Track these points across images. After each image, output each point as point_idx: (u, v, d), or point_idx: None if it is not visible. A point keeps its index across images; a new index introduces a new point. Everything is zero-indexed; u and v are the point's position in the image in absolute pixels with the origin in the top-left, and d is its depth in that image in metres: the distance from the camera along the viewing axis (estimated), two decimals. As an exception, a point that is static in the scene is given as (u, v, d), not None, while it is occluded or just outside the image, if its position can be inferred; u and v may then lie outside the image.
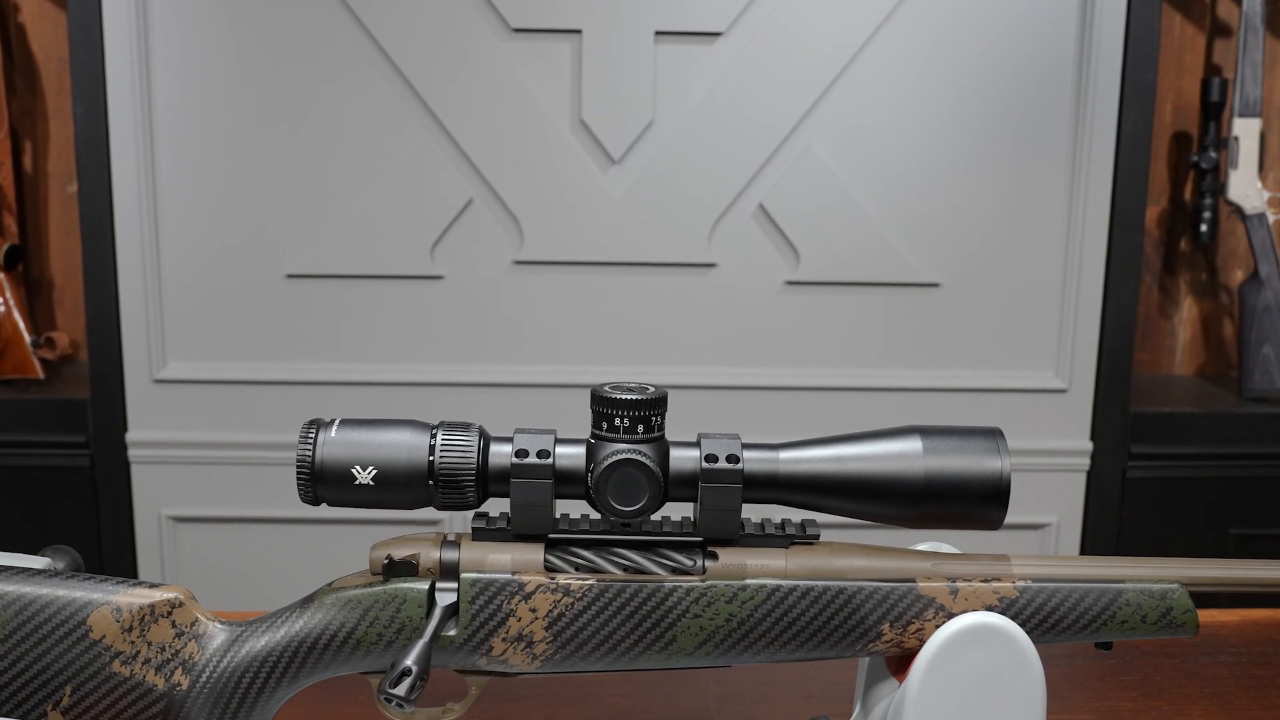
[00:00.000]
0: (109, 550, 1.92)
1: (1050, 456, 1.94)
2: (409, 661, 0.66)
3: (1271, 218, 2.04)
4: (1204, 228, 2.08)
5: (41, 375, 2.01)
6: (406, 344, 1.90)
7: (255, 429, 1.90)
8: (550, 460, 0.68)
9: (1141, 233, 1.91)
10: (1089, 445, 1.95)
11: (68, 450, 1.90)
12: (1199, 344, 2.24)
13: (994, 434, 0.71)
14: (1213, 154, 2.05)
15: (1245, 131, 2.02)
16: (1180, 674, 0.98)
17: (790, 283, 1.90)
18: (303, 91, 1.83)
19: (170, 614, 0.70)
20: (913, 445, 0.70)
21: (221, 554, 1.93)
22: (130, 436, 1.89)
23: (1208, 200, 2.08)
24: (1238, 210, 2.05)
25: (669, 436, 0.70)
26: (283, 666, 0.69)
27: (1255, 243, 2.03)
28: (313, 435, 0.69)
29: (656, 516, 0.71)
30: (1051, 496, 1.96)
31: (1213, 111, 2.06)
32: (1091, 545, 1.97)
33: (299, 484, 0.69)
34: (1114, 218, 1.90)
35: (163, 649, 0.69)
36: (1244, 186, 2.03)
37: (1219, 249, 2.21)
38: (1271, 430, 1.97)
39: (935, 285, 1.91)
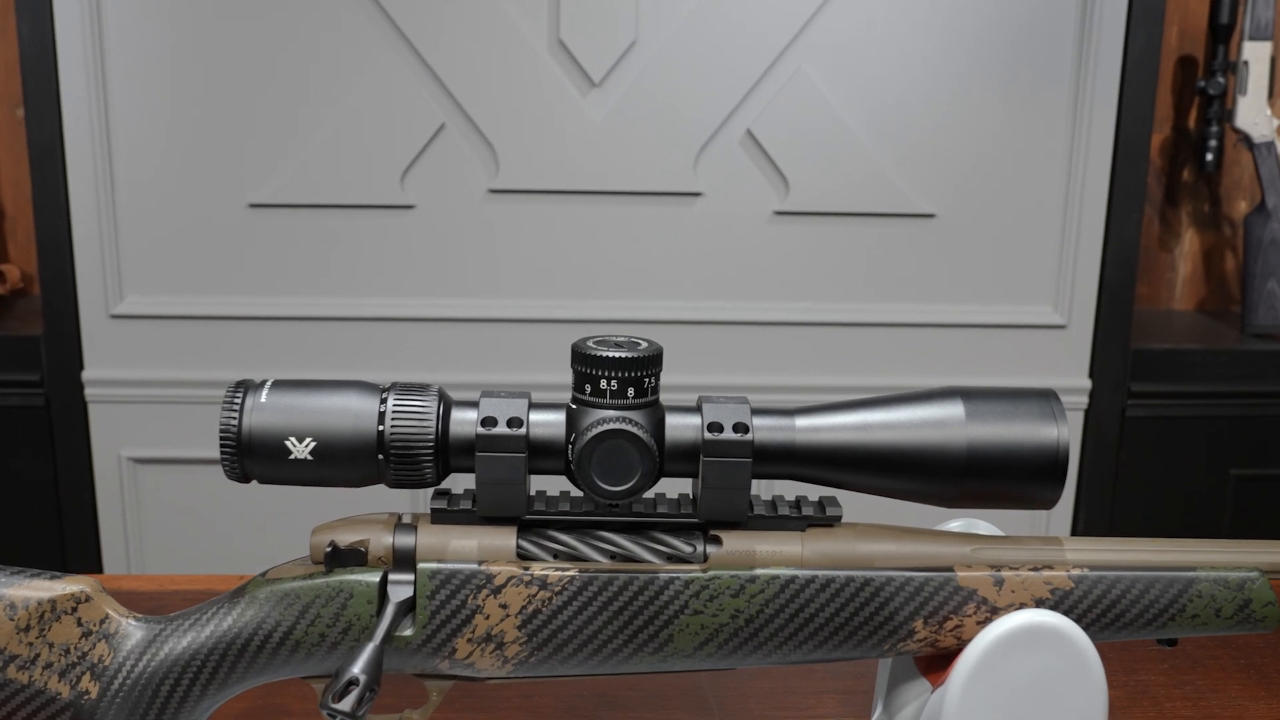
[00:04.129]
0: (66, 493, 1.84)
1: (1047, 395, 1.87)
2: (356, 669, 0.56)
3: (1280, 146, 1.96)
4: (1209, 157, 1.99)
5: (-8, 310, 1.91)
6: (375, 277, 1.81)
7: (218, 366, 1.81)
8: (523, 430, 0.58)
9: (1146, 162, 1.83)
10: (1087, 383, 1.88)
11: (21, 389, 1.81)
12: (1199, 278, 2.17)
13: (1048, 396, 0.61)
14: (1220, 79, 1.96)
15: (1255, 55, 1.93)
16: (1213, 644, 0.91)
17: (779, 213, 1.82)
18: (265, 10, 1.72)
19: (75, 610, 0.60)
20: (953, 410, 0.59)
21: (185, 496, 1.85)
22: (87, 375, 1.81)
23: (1214, 128, 1.99)
24: (1245, 138, 1.96)
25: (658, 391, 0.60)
26: (209, 671, 0.60)
27: (1263, 172, 1.95)
28: (239, 400, 0.59)
29: (649, 495, 0.61)
30: (1048, 436, 1.89)
31: (1221, 34, 1.96)
32: (1088, 486, 1.91)
33: (223, 458, 0.59)
34: (1118, 146, 1.82)
35: (67, 651, 0.59)
36: (1252, 113, 1.95)
37: (1222, 179, 2.13)
38: (1275, 368, 1.91)
39: (930, 216, 1.83)
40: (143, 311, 1.80)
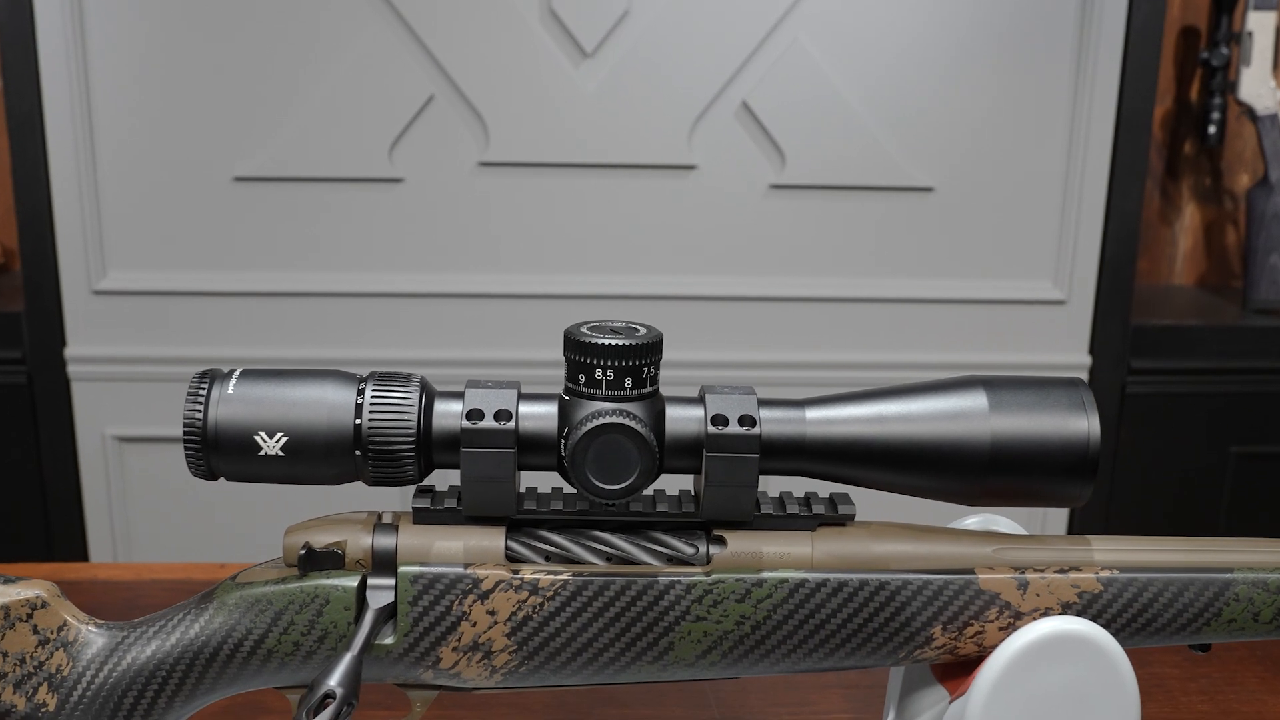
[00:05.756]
0: (50, 473, 1.81)
1: (1046, 371, 1.85)
2: (332, 682, 0.52)
3: (1284, 118, 1.92)
4: (1212, 129, 1.96)
5: (-28, 285, 1.88)
6: (364, 252, 1.77)
7: (203, 342, 1.78)
8: (512, 423, 0.54)
9: (1149, 135, 1.79)
10: (1087, 359, 1.85)
11: (2, 367, 1.78)
12: (1200, 252, 2.14)
13: (1076, 386, 0.56)
14: (1224, 50, 1.92)
15: (1260, 26, 1.89)
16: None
17: (775, 186, 1.79)
18: (247, -24, 1.68)
19: (30, 617, 0.56)
20: (975, 401, 0.55)
21: (171, 475, 1.82)
22: (69, 352, 1.77)
23: (1216, 100, 1.96)
24: (1248, 111, 1.93)
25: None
26: (175, 681, 0.56)
27: (1266, 145, 1.92)
28: (204, 391, 0.54)
29: (648, 491, 0.57)
30: (1046, 413, 1.87)
31: (1225, 4, 1.93)
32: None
33: (187, 455, 0.55)
34: (1120, 119, 1.78)
35: (22, 661, 0.55)
36: (1256, 85, 1.91)
37: (1224, 152, 2.10)
38: (1277, 344, 1.88)
39: (928, 190, 1.80)
40: (126, 287, 1.76)
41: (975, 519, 0.63)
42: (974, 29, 1.74)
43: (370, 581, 0.56)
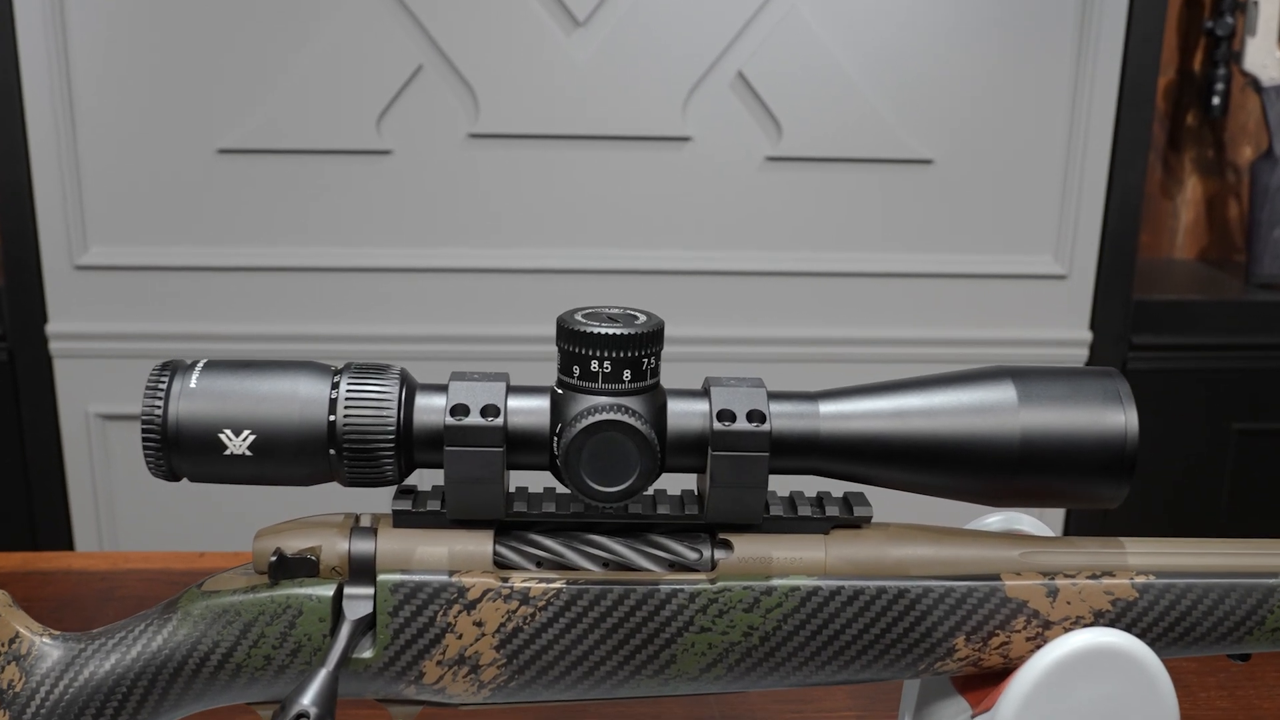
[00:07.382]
0: (32, 452, 1.77)
1: (1046, 347, 1.82)
2: (305, 701, 0.47)
3: (1290, 90, 1.89)
4: (1216, 100, 1.92)
5: (-49, 260, 1.84)
6: (351, 225, 1.74)
7: (187, 318, 1.74)
8: (500, 420, 0.49)
9: (1152, 107, 1.76)
10: (1088, 335, 1.82)
11: (-18, 343, 1.75)
12: (1202, 225, 2.11)
13: (1112, 377, 0.52)
14: (1229, 19, 1.89)
15: (1266, -6, 1.86)
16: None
17: (771, 158, 1.75)
18: (230, -58, 1.63)
19: None
20: (1003, 394, 0.51)
21: (156, 454, 1.79)
22: (51, 328, 1.74)
23: (1220, 70, 1.92)
24: (1253, 82, 1.89)
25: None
26: (137, 697, 0.52)
27: (1271, 117, 1.88)
28: (164, 384, 0.50)
29: (649, 491, 0.53)
30: (1046, 390, 1.84)
31: (1230, -28, 1.89)
32: (1087, 441, 1.85)
33: (146, 453, 0.51)
34: (1123, 90, 1.75)
35: None
36: (1262, 55, 1.87)
37: (1227, 124, 2.06)
38: (1280, 319, 1.85)
39: (928, 162, 1.77)
40: (109, 262, 1.72)
41: (996, 518, 0.59)
42: (975, -3, 1.71)
43: (347, 590, 0.52)
